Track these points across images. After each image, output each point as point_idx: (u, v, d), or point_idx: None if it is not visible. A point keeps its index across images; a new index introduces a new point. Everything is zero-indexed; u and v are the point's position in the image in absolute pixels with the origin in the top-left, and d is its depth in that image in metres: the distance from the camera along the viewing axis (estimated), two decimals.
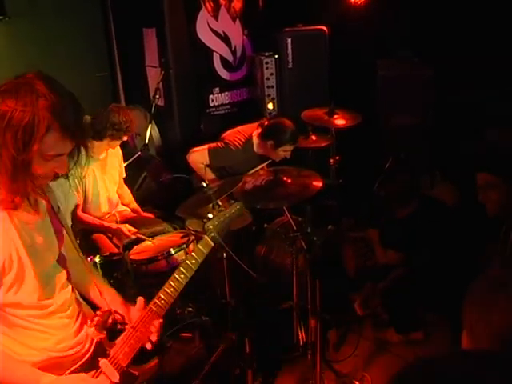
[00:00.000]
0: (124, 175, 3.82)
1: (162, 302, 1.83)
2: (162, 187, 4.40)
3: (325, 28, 4.67)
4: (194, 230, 3.62)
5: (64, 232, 1.77)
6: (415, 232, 3.35)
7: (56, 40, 4.43)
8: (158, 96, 4.39)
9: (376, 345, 3.37)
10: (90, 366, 1.74)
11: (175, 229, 3.62)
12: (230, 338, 2.93)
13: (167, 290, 1.85)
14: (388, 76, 4.73)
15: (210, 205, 2.98)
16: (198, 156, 3.83)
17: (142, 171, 4.41)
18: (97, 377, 1.71)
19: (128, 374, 1.78)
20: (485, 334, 1.15)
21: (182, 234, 3.40)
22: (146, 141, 4.34)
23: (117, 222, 3.61)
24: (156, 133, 4.85)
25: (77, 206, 3.44)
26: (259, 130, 3.82)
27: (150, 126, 4.39)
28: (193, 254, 1.93)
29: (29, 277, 1.61)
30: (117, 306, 1.89)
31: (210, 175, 3.79)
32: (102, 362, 1.72)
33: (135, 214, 3.81)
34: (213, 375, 2.77)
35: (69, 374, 1.69)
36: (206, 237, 1.97)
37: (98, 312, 1.82)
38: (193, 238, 3.37)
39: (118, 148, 3.68)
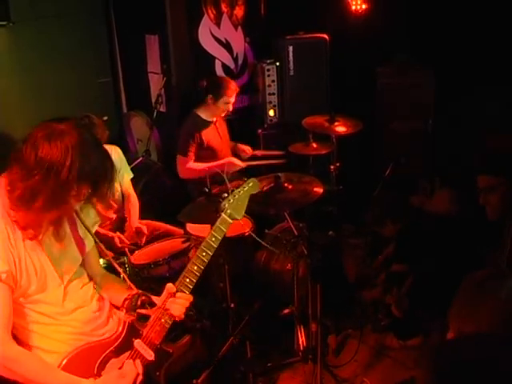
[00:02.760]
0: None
1: (187, 280, 1.89)
2: (163, 192, 4.42)
3: (326, 36, 4.70)
4: (195, 235, 3.64)
5: (85, 242, 1.90)
6: (411, 245, 3.39)
7: (58, 46, 4.45)
8: (159, 102, 4.42)
9: (376, 350, 3.37)
10: (125, 347, 1.82)
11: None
12: (231, 342, 2.94)
13: (191, 269, 1.89)
14: (388, 83, 4.75)
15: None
16: (183, 161, 3.97)
17: (144, 176, 4.42)
18: (133, 357, 1.78)
19: (162, 351, 1.87)
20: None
21: (182, 239, 3.41)
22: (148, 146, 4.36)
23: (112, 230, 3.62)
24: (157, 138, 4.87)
25: None
26: None
27: (151, 131, 4.41)
28: (213, 232, 1.94)
29: (52, 281, 1.74)
30: None
31: (198, 164, 3.94)
32: (136, 342, 1.81)
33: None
34: (214, 379, 2.78)
35: (104, 357, 1.78)
36: (223, 214, 1.98)
37: (126, 296, 1.91)
38: (194, 243, 3.38)
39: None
